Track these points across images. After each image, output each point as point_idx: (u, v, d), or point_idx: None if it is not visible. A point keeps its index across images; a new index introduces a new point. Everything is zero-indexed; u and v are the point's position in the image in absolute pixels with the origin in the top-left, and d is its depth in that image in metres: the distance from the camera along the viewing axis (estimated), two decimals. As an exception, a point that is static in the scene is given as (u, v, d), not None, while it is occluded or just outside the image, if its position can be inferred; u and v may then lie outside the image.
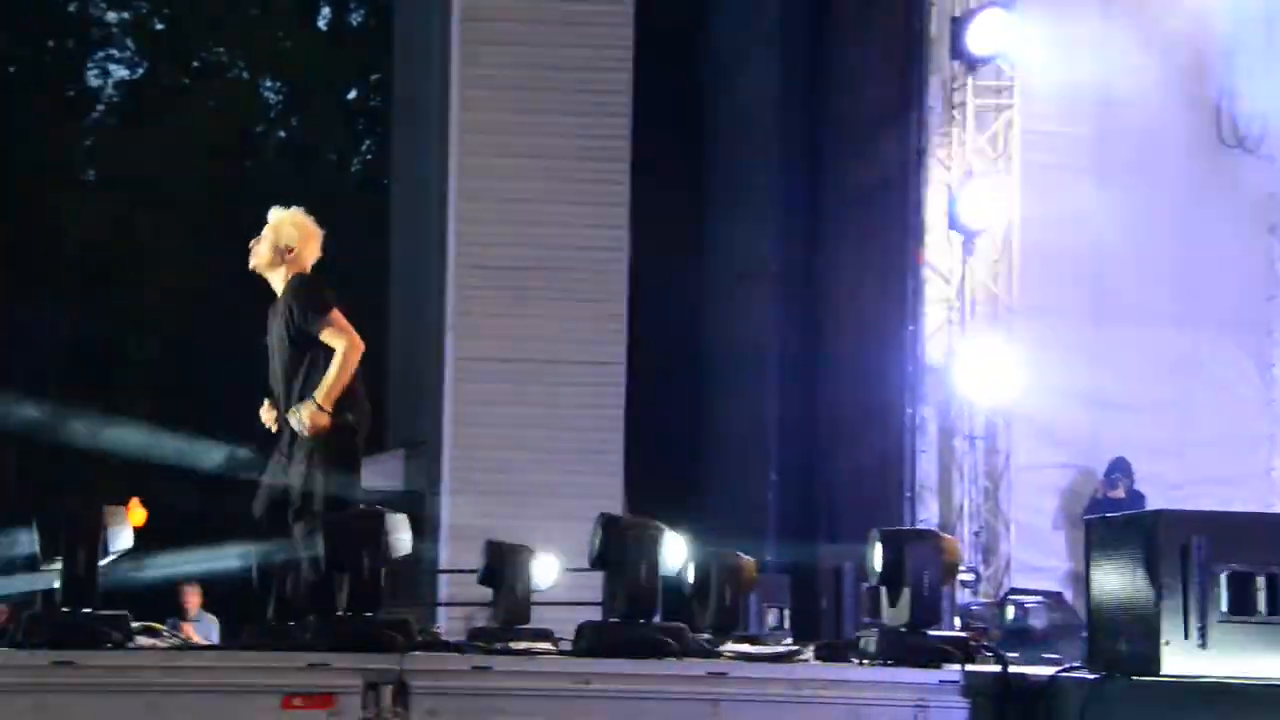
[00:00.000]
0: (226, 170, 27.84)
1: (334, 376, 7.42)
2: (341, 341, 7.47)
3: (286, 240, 7.69)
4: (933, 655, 6.72)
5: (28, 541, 6.67)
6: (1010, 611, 10.66)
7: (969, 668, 6.61)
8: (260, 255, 7.73)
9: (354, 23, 31.32)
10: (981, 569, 13.08)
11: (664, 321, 15.76)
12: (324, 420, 7.38)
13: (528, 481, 14.82)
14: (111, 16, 29.95)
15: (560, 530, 8.99)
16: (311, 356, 7.51)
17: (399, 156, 20.59)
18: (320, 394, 7.38)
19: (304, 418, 7.38)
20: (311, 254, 7.73)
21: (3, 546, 7.02)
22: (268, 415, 7.65)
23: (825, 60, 15.38)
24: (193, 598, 15.29)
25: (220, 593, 15.26)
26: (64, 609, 6.51)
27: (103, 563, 6.66)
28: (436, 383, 16.52)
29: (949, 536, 7.46)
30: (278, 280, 7.70)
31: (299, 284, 7.59)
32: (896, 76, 14.14)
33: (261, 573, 7.63)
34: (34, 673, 6.21)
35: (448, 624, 14.43)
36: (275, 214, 7.82)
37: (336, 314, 7.52)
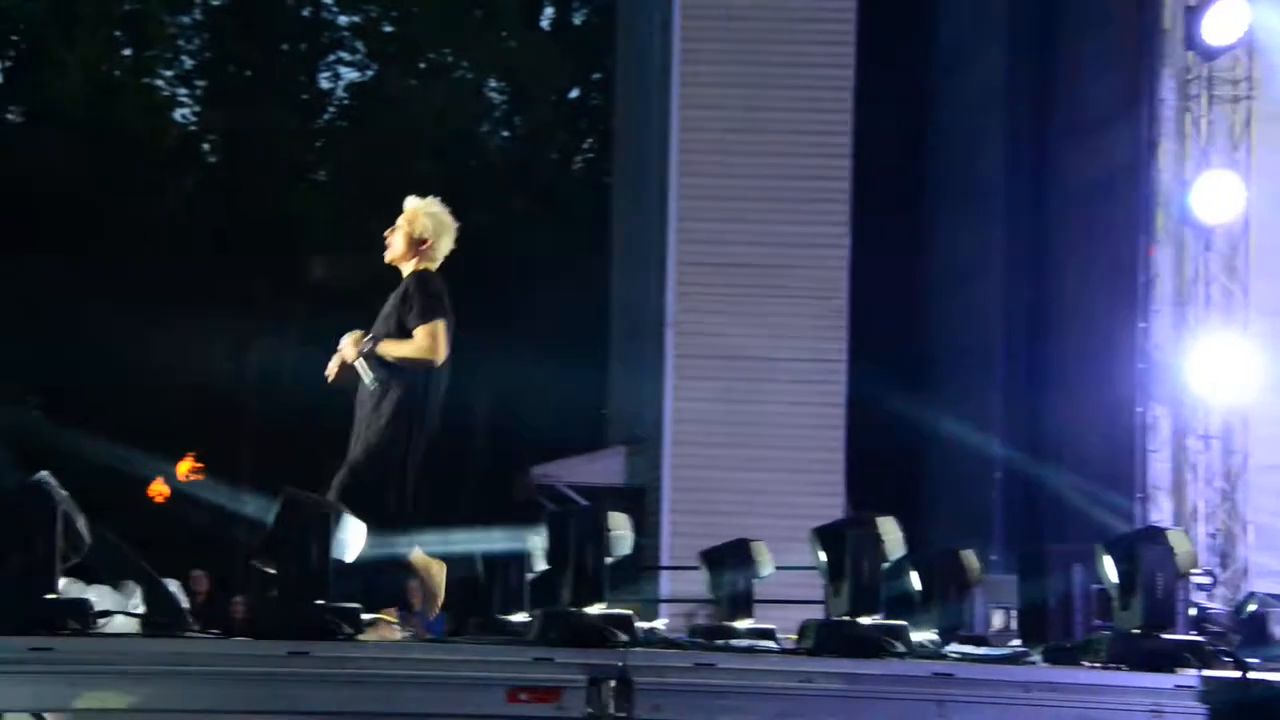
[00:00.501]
0: (451, 170, 28.29)
1: (400, 347, 7.47)
2: (426, 343, 7.45)
3: (421, 232, 7.74)
4: (1168, 659, 6.56)
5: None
6: (1249, 615, 10.35)
7: (1206, 673, 6.45)
8: (394, 247, 7.79)
9: (576, 22, 31.61)
10: (1218, 572, 12.74)
11: (885, 318, 15.63)
12: (353, 351, 7.40)
13: (748, 478, 14.81)
14: (343, 20, 30.65)
15: (781, 528, 8.94)
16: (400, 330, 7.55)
17: (620, 155, 20.73)
18: (377, 343, 7.38)
19: (349, 340, 7.46)
20: (445, 246, 7.79)
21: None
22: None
23: (1053, 54, 15.12)
24: (418, 594, 15.43)
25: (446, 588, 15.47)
26: (298, 600, 6.65)
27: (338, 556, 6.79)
28: (657, 380, 16.59)
29: (1182, 535, 7.28)
30: (409, 270, 7.72)
31: (425, 283, 7.62)
32: (1128, 69, 13.84)
33: (487, 567, 7.73)
34: (270, 662, 6.36)
35: (670, 620, 14.49)
36: (410, 203, 7.86)
37: (440, 326, 7.51)
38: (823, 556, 7.02)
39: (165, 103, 28.91)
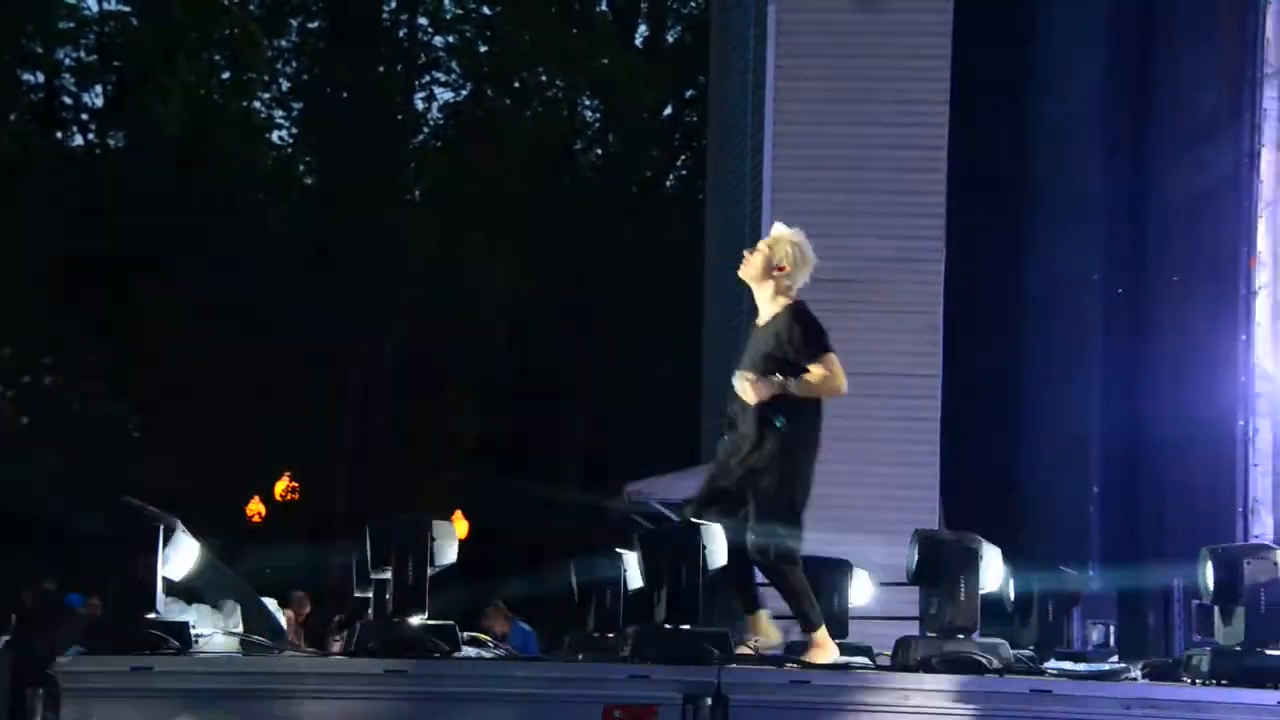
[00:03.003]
0: (545, 188, 28.44)
1: (807, 383, 7.51)
2: (829, 374, 7.55)
3: (780, 259, 7.80)
4: (1271, 676, 6.47)
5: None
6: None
7: (1310, 689, 6.36)
8: (752, 265, 7.87)
9: (670, 40, 31.68)
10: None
11: (981, 332, 15.51)
12: (761, 390, 7.44)
13: (843, 495, 14.73)
14: (438, 41, 30.89)
15: (877, 545, 8.91)
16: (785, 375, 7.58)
17: (714, 172, 20.73)
18: (786, 380, 7.45)
19: (746, 383, 7.50)
20: (801, 279, 7.84)
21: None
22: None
23: (1151, 66, 14.98)
24: (498, 622, 15.32)
25: (539, 604, 15.52)
26: (394, 619, 6.69)
27: (430, 573, 6.82)
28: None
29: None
30: (764, 294, 7.80)
31: (805, 318, 7.69)
32: (1228, 79, 13.69)
33: (581, 585, 7.75)
34: (367, 680, 6.41)
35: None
36: (777, 228, 7.97)
37: (834, 357, 7.59)
38: (916, 565, 7.00)
39: (263, 125, 29.26)
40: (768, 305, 7.78)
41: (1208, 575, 6.77)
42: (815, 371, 7.52)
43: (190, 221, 25.13)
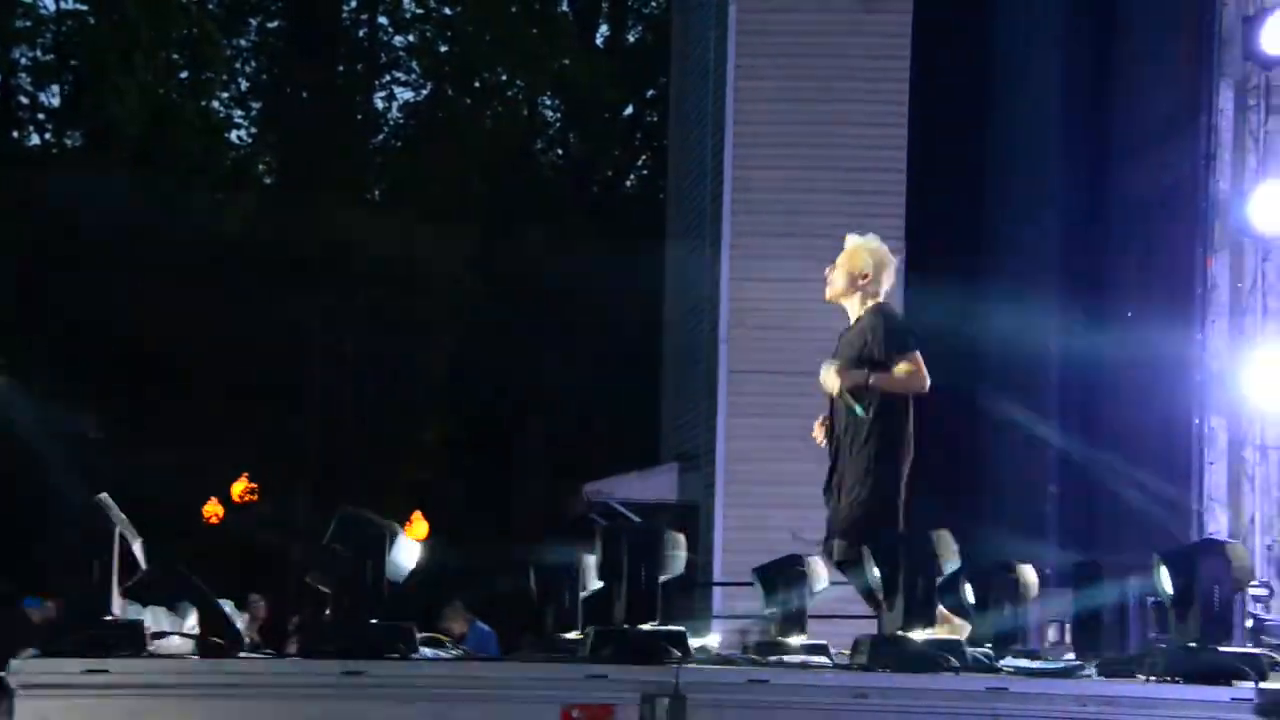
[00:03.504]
0: (505, 188, 28.41)
1: (889, 377, 7.60)
2: (912, 370, 7.64)
3: (862, 268, 7.86)
4: (1224, 672, 6.51)
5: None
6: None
7: (1263, 685, 6.39)
8: (835, 284, 7.93)
9: (631, 39, 31.68)
10: (1275, 584, 12.63)
11: (940, 331, 15.55)
12: (843, 378, 7.53)
13: (802, 493, 14.74)
14: (398, 41, 30.83)
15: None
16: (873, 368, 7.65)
17: (674, 172, 20.76)
18: (869, 374, 7.51)
19: (831, 372, 7.61)
20: (888, 280, 7.92)
21: None
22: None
23: (1110, 67, 15.05)
24: (456, 623, 15.35)
25: (498, 604, 15.51)
26: (352, 620, 6.68)
27: (389, 575, 6.80)
28: (710, 395, 16.59)
29: (1239, 546, 7.23)
30: (853, 306, 7.85)
31: (889, 316, 7.77)
32: (1186, 80, 13.76)
33: (540, 585, 7.74)
34: (325, 682, 6.39)
35: (723, 637, 14.46)
36: (851, 240, 8.00)
37: (918, 355, 7.66)
38: (876, 572, 7.01)
39: (222, 124, 29.15)
40: (857, 310, 7.81)
41: (1162, 573, 6.80)
42: (899, 368, 7.56)
43: (147, 220, 24.99)
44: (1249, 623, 10.44)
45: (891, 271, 7.88)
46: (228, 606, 7.58)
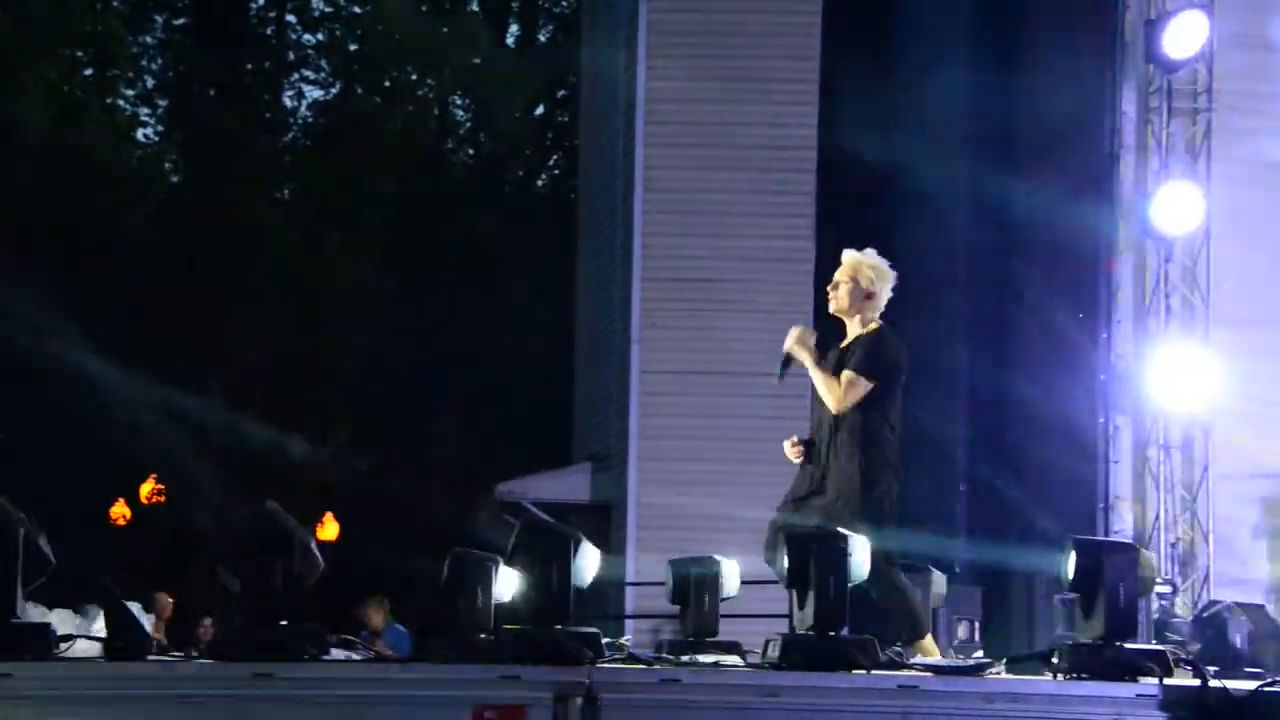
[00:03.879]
0: (416, 187, 28.29)
1: (828, 378, 7.76)
2: (840, 390, 7.73)
3: (868, 284, 7.90)
4: (1129, 669, 6.59)
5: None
6: (1209, 624, 10.41)
7: (1167, 682, 6.48)
8: (840, 299, 7.96)
9: (542, 39, 31.64)
10: (1179, 581, 12.80)
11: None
12: (790, 343, 7.58)
13: (714, 494, 14.81)
14: (307, 39, 30.63)
15: (749, 542, 8.97)
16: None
17: (585, 171, 20.75)
18: (821, 362, 7.59)
19: (795, 334, 7.79)
20: (886, 294, 7.93)
21: None
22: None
23: (1016, 68, 15.19)
24: (376, 614, 15.41)
25: (411, 604, 15.46)
26: (261, 622, 6.63)
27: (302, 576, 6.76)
28: (622, 395, 16.60)
29: (1145, 551, 7.32)
30: (854, 326, 7.91)
31: (882, 343, 7.83)
32: (1089, 82, 13.91)
33: (453, 585, 7.71)
34: (233, 684, 6.34)
35: (635, 636, 14.47)
36: (850, 256, 8.03)
37: (862, 389, 7.72)
38: (785, 563, 7.04)
39: (128, 122, 28.84)
40: (856, 329, 7.86)
41: (1069, 569, 6.88)
42: (845, 377, 7.59)
43: (52, 219, 24.71)
44: (1154, 619, 10.57)
45: (890, 285, 7.94)
46: (135, 608, 7.51)
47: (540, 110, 31.07)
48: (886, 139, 16.42)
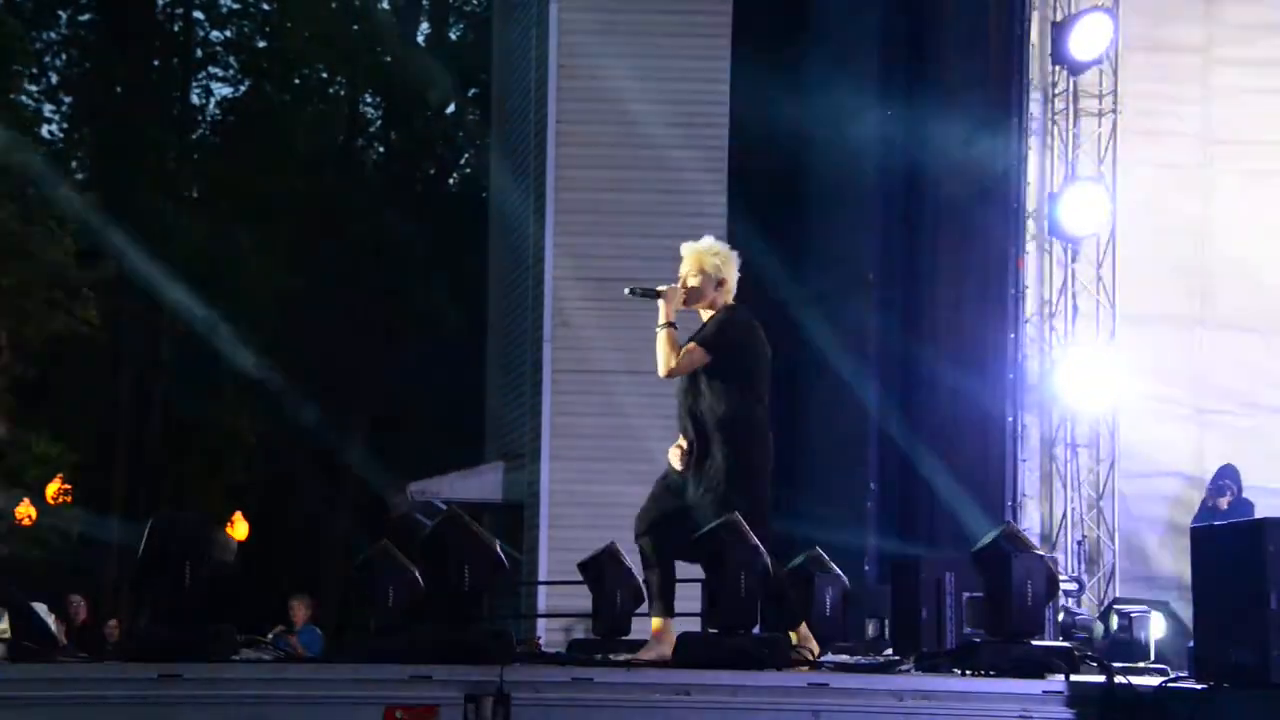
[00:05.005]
0: (326, 185, 28.12)
1: (666, 339, 7.60)
2: (678, 359, 7.61)
3: (714, 272, 7.74)
4: (1036, 665, 6.66)
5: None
6: (1115, 622, 10.54)
7: (1073, 678, 6.54)
8: (693, 295, 7.76)
9: (453, 37, 31.53)
10: (1085, 579, 12.94)
11: (764, 332, 15.70)
12: (668, 298, 7.56)
13: (626, 493, 14.78)
14: (215, 35, 30.36)
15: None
16: (704, 375, 7.61)
17: (497, 169, 20.70)
18: (670, 329, 7.56)
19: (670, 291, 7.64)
20: (735, 276, 7.79)
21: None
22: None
23: (925, 66, 15.29)
24: (300, 610, 15.38)
25: (322, 605, 15.38)
26: (171, 622, 6.58)
27: (207, 575, 6.72)
28: (535, 394, 16.58)
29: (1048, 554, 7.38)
30: (708, 311, 7.76)
31: (728, 327, 7.67)
32: (996, 83, 14.03)
33: (364, 585, 7.68)
34: (141, 685, 6.28)
35: (547, 635, 14.45)
36: (688, 250, 7.87)
37: (698, 359, 7.59)
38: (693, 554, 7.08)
39: (31, 119, 28.46)
40: (710, 314, 7.77)
41: (979, 569, 6.94)
42: (689, 347, 7.57)
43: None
44: (1060, 617, 10.68)
45: (735, 267, 7.88)
46: (41, 609, 7.43)
47: (452, 108, 30.98)
48: (797, 137, 16.50)
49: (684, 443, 7.68)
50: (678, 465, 7.65)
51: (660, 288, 7.73)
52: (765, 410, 7.76)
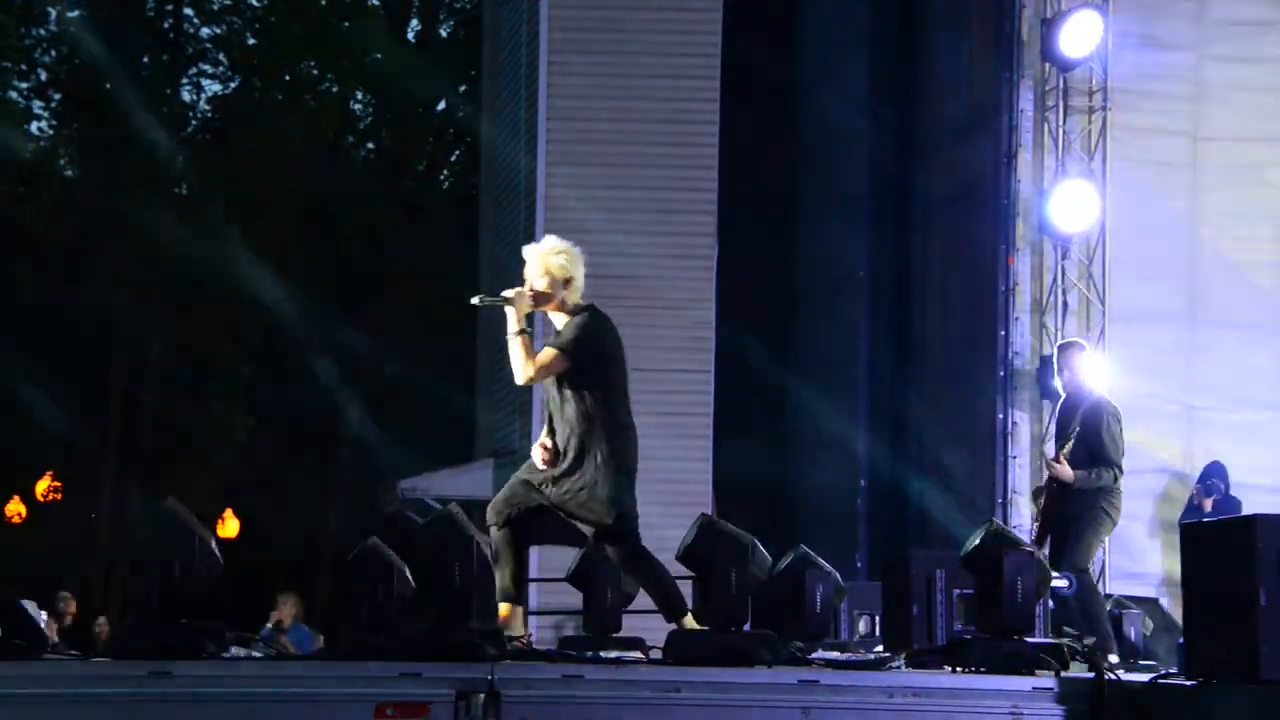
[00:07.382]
0: (317, 183, 28.08)
1: (519, 346, 7.58)
2: (532, 366, 7.58)
3: (560, 273, 7.67)
4: (1027, 662, 6.67)
5: None
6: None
7: (1064, 675, 6.56)
8: (542, 299, 7.68)
9: (443, 34, 31.50)
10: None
11: (752, 328, 15.73)
12: (519, 301, 7.51)
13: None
14: (205, 32, 30.30)
15: (649, 539, 9.00)
16: (568, 379, 7.58)
17: (487, 167, 20.68)
18: (523, 335, 7.54)
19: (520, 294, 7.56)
20: (582, 274, 7.73)
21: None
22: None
23: (915, 65, 15.32)
24: (289, 608, 15.40)
25: (313, 602, 15.38)
26: (161, 619, 6.57)
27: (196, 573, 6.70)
28: (524, 392, 16.55)
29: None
30: (559, 318, 7.70)
31: (582, 329, 7.61)
32: (986, 80, 14.06)
33: (355, 582, 7.67)
34: (131, 682, 6.28)
35: (538, 633, 14.44)
36: (530, 252, 7.80)
37: (555, 363, 7.55)
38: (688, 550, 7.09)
39: (21, 115, 28.42)
40: (564, 319, 7.71)
41: (969, 567, 6.95)
42: (546, 352, 7.51)
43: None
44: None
45: (581, 265, 7.80)
46: (30, 606, 7.42)
47: (442, 106, 30.95)
48: (788, 136, 16.53)
49: (548, 441, 7.64)
50: (540, 463, 7.60)
51: (507, 293, 7.65)
52: (628, 408, 7.71)
